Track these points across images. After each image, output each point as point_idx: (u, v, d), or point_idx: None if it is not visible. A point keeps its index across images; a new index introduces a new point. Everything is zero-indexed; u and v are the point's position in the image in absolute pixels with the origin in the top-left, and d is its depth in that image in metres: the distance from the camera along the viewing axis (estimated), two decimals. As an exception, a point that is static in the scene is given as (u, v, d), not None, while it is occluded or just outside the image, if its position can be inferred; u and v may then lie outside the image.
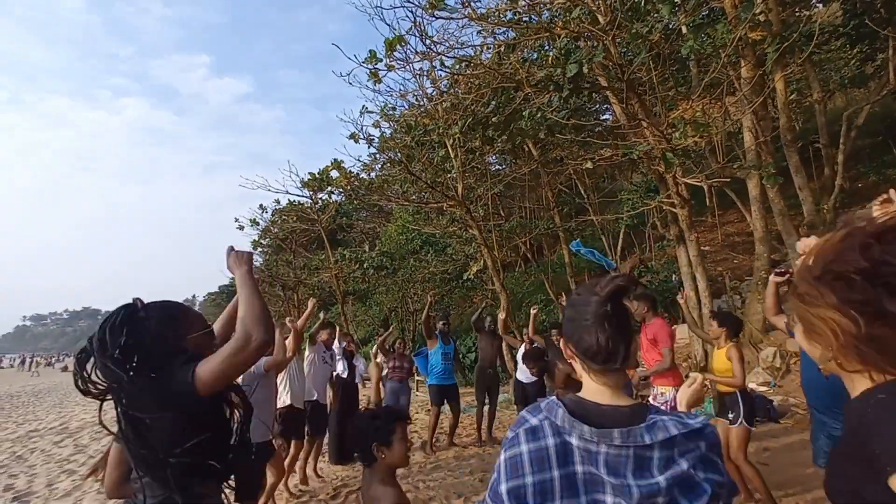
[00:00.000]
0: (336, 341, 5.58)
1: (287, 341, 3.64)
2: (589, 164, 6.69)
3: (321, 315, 5.55)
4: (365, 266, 12.22)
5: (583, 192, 16.34)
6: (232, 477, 1.58)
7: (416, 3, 5.71)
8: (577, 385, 1.07)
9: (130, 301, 1.51)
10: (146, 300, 1.53)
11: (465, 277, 10.49)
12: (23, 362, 43.56)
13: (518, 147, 11.05)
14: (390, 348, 6.03)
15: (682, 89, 6.74)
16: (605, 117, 14.69)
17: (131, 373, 1.32)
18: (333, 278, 13.23)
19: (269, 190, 12.01)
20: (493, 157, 14.54)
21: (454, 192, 8.99)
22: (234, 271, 1.55)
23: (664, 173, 5.14)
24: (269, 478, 3.74)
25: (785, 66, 5.69)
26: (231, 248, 1.61)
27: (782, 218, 5.58)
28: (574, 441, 0.93)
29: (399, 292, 17.60)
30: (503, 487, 0.95)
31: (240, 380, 1.64)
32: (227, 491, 1.56)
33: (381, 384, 6.26)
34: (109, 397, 1.38)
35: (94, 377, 1.37)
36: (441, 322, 5.90)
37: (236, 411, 1.53)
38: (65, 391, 16.86)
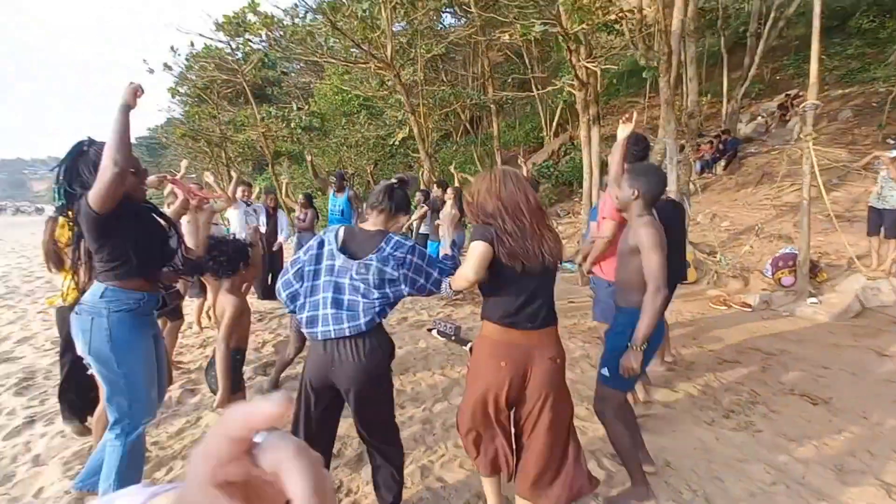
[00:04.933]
0: (257, 199, 6.00)
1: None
2: (537, 28, 5.93)
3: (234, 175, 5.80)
4: (292, 126, 11.83)
5: (527, 62, 15.90)
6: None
7: None
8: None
9: (83, 139, 1.94)
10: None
11: (391, 143, 10.64)
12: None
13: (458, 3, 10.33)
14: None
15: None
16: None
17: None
18: (261, 137, 12.79)
19: (180, 31, 10.75)
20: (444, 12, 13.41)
21: (383, 51, 8.62)
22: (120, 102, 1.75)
23: (565, 54, 5.42)
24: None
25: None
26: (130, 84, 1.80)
27: (666, 106, 6.20)
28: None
29: (335, 155, 17.36)
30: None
31: None
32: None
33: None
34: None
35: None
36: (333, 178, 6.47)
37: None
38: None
